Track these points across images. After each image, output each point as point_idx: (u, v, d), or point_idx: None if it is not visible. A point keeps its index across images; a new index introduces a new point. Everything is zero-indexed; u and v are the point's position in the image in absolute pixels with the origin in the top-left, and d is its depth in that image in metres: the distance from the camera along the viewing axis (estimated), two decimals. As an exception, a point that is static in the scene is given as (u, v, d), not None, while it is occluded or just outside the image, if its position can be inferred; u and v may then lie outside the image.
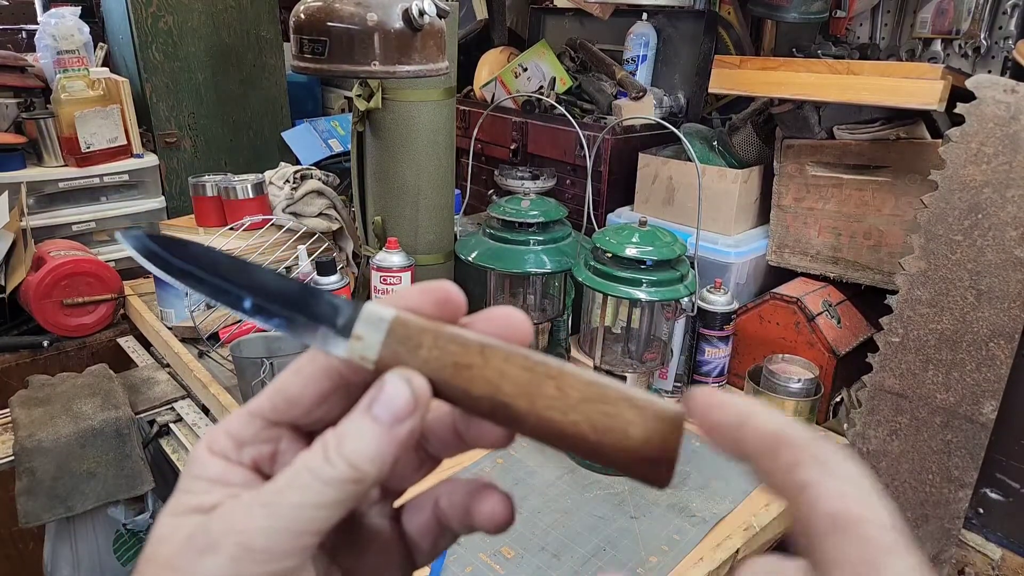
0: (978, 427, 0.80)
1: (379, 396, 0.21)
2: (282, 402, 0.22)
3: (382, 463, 0.20)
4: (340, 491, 0.20)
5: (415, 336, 0.21)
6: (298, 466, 0.20)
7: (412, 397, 0.21)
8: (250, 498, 0.20)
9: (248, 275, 0.23)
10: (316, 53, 0.72)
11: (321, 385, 0.22)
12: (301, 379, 0.22)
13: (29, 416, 0.96)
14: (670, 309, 0.88)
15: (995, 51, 1.06)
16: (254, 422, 0.22)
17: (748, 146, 1.07)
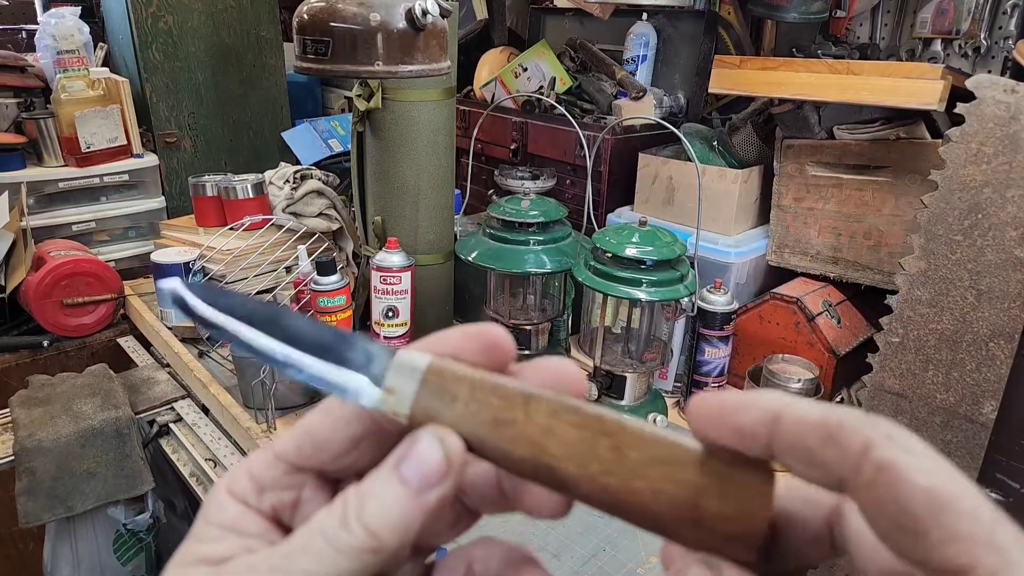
0: (978, 427, 0.80)
1: (409, 455, 0.19)
2: (308, 446, 0.20)
3: (406, 532, 0.18)
4: (356, 561, 0.18)
5: (451, 387, 0.19)
6: (313, 527, 0.18)
7: (445, 460, 0.19)
8: (259, 560, 0.18)
9: (281, 324, 0.21)
10: (319, 53, 0.72)
11: (352, 429, 0.20)
12: (331, 422, 0.20)
13: (29, 416, 0.96)
14: (670, 309, 0.88)
15: (995, 51, 1.06)
16: (278, 465, 0.20)
17: (748, 146, 1.07)
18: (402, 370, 0.19)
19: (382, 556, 0.18)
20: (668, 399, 0.98)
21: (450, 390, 0.19)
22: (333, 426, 0.20)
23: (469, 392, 0.19)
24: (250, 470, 0.21)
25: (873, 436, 0.16)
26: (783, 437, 0.17)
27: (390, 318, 1.02)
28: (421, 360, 0.20)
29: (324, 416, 0.20)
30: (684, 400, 0.99)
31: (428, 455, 0.19)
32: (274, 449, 0.21)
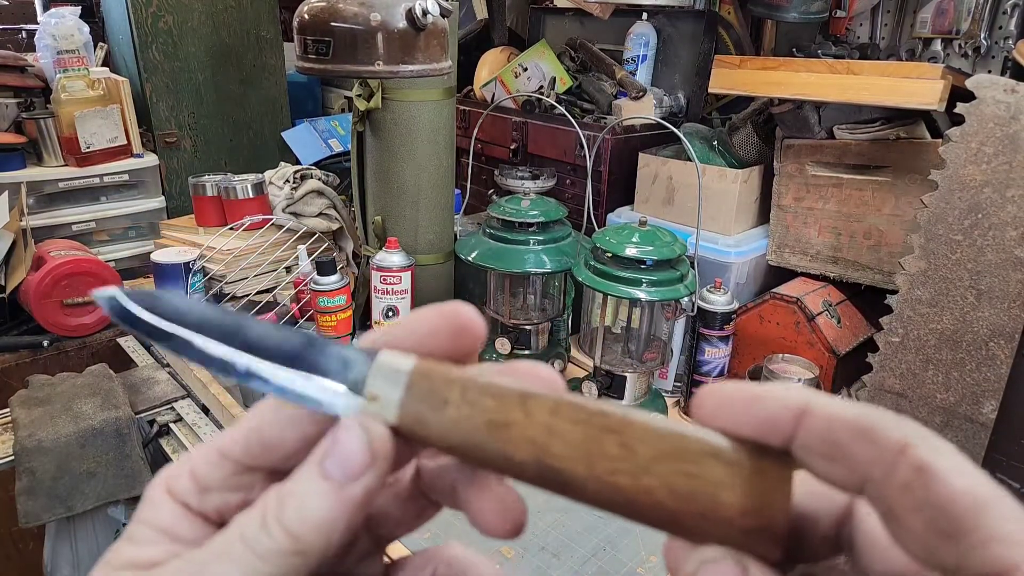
0: (978, 427, 0.80)
1: (331, 448, 0.17)
2: (257, 445, 0.19)
3: (330, 532, 0.17)
4: (276, 567, 0.17)
5: (440, 390, 0.18)
6: (232, 532, 0.17)
7: (368, 450, 0.17)
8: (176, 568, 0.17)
9: (240, 331, 0.19)
10: (320, 53, 0.72)
11: (304, 430, 0.19)
12: (281, 421, 0.19)
13: (29, 416, 0.96)
14: (670, 309, 0.88)
15: (995, 51, 1.06)
16: (224, 464, 0.19)
17: (748, 146, 1.07)
18: (385, 374, 0.18)
19: (307, 559, 0.17)
20: (668, 399, 0.98)
21: (440, 393, 0.18)
22: (284, 424, 0.19)
23: (460, 394, 0.18)
24: (193, 469, 0.19)
25: (911, 436, 0.15)
26: (811, 431, 0.16)
27: (390, 318, 1.02)
28: (405, 362, 0.18)
29: (274, 414, 0.19)
30: (684, 400, 0.99)
31: (351, 446, 0.17)
32: (219, 446, 0.19)
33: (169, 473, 0.19)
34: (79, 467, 0.93)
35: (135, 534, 0.18)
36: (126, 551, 0.18)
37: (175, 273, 1.12)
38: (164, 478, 0.19)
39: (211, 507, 0.19)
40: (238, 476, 0.19)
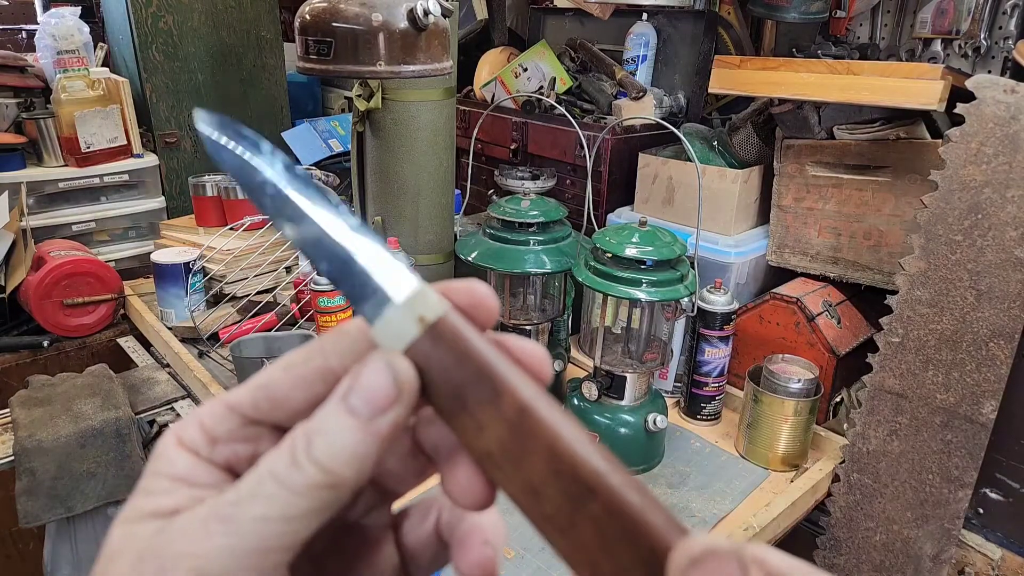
0: (978, 427, 0.80)
1: (355, 384, 0.18)
2: (265, 401, 0.19)
3: (361, 464, 0.17)
4: (312, 500, 0.17)
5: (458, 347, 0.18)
6: (262, 471, 0.17)
7: (394, 385, 0.18)
8: (207, 510, 0.17)
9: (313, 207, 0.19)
10: (321, 54, 0.72)
11: (313, 388, 0.19)
12: (290, 379, 0.19)
13: (29, 416, 0.96)
14: (670, 309, 0.88)
15: (995, 51, 1.06)
16: (232, 417, 0.19)
17: (748, 146, 1.07)
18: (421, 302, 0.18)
19: (340, 492, 0.17)
20: (668, 399, 0.98)
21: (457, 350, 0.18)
22: (293, 383, 0.19)
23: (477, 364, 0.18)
24: (202, 422, 0.19)
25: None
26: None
27: (390, 318, 1.02)
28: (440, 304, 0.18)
29: (284, 372, 0.19)
30: (684, 400, 0.99)
31: (376, 381, 0.18)
32: (227, 400, 0.19)
33: (178, 426, 0.19)
34: (79, 467, 0.93)
35: (150, 486, 0.18)
36: (143, 503, 0.18)
37: (175, 273, 1.12)
38: (174, 430, 0.19)
39: (221, 458, 0.19)
40: (246, 428, 0.19)
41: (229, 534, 0.17)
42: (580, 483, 0.17)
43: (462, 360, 0.18)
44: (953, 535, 0.83)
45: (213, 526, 0.17)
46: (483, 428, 0.18)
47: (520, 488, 0.17)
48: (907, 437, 0.84)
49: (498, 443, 0.17)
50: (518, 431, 0.17)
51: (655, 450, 0.88)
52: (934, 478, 0.83)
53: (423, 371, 0.18)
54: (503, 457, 0.17)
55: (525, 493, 0.17)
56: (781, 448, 0.87)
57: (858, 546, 0.89)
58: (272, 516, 0.17)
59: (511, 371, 0.18)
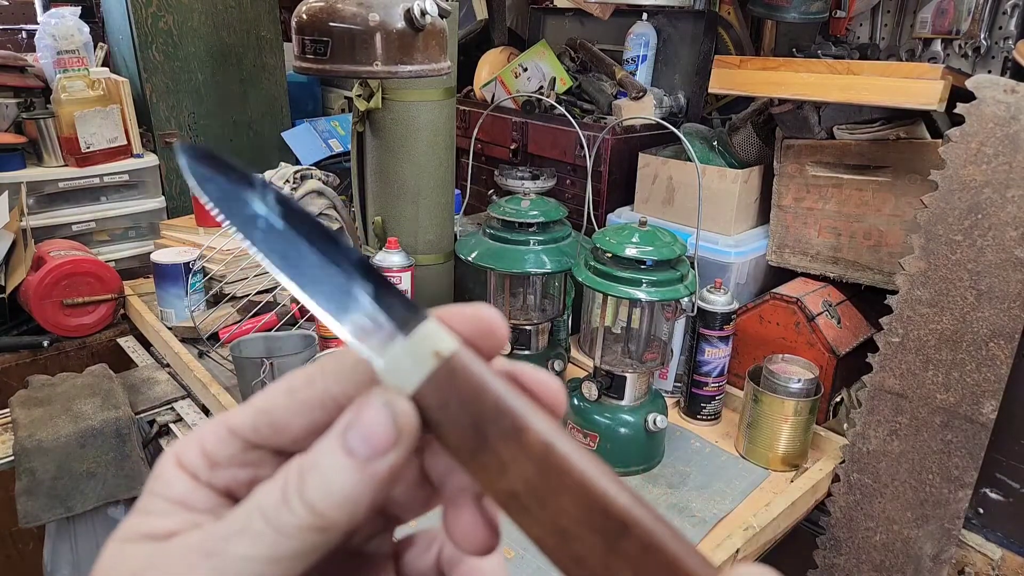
0: (978, 427, 0.80)
1: (355, 422, 0.17)
2: (266, 426, 0.18)
3: (354, 508, 0.17)
4: (300, 542, 0.16)
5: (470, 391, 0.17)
6: (251, 506, 0.17)
7: (393, 425, 0.17)
8: (195, 541, 0.17)
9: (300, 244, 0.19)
10: (318, 53, 0.72)
11: (313, 415, 0.18)
12: (292, 404, 0.18)
13: (29, 416, 0.96)
14: (670, 309, 0.88)
15: (995, 51, 1.06)
16: (233, 441, 0.19)
17: (748, 146, 1.07)
18: (425, 343, 0.17)
19: (329, 535, 0.17)
20: (668, 399, 0.98)
21: (467, 394, 0.17)
22: (294, 409, 0.18)
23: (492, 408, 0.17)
24: (202, 444, 0.19)
25: None
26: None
27: (390, 318, 1.02)
28: (449, 343, 0.17)
29: (286, 397, 0.18)
30: (684, 400, 0.99)
31: (376, 421, 0.17)
32: (228, 423, 0.19)
33: (179, 447, 0.19)
34: (79, 467, 0.93)
35: (148, 506, 0.18)
36: (139, 524, 0.18)
37: (175, 273, 1.12)
38: (174, 451, 0.19)
39: (220, 482, 0.19)
40: (246, 452, 0.19)
41: (214, 570, 0.16)
42: (613, 520, 0.16)
43: (480, 395, 0.17)
44: (953, 535, 0.83)
45: (197, 560, 0.16)
46: (507, 466, 0.17)
47: (548, 529, 0.16)
48: (907, 437, 0.84)
49: (524, 482, 0.17)
50: (545, 467, 0.16)
51: (655, 450, 0.88)
52: (934, 478, 0.83)
53: (437, 409, 0.17)
54: (530, 496, 0.16)
55: (553, 534, 0.16)
56: (781, 448, 0.87)
57: (858, 546, 0.89)
58: (258, 556, 0.16)
59: (530, 406, 0.17)
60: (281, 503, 0.17)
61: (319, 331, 1.00)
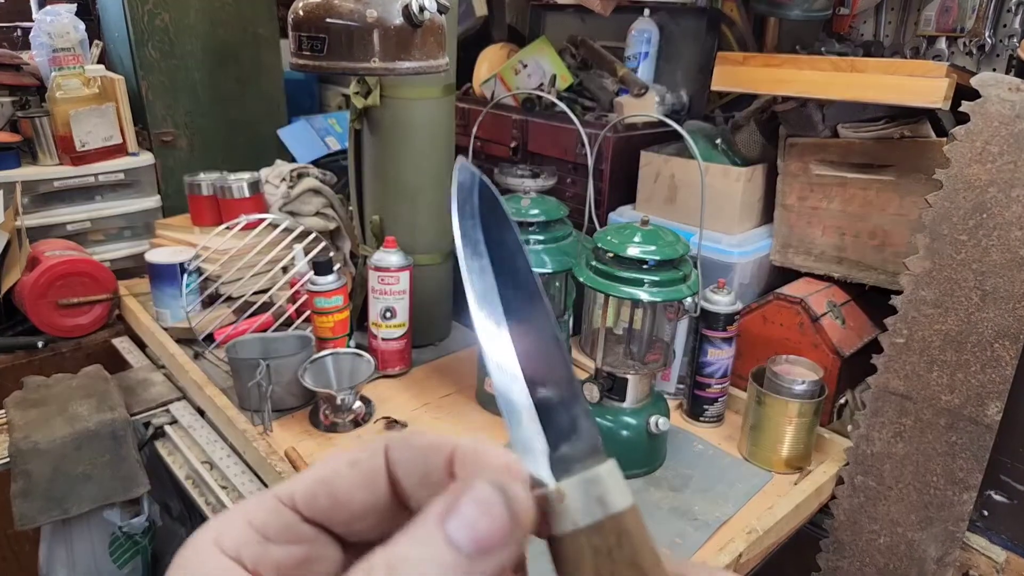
0: (983, 429, 0.79)
1: (459, 507, 0.14)
2: (325, 498, 0.16)
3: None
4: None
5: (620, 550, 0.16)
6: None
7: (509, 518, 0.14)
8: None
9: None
10: (315, 50, 0.71)
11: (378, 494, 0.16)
12: (357, 477, 0.16)
13: (24, 417, 0.95)
14: (672, 310, 0.87)
15: (999, 49, 1.05)
16: (285, 512, 0.16)
17: (751, 144, 1.06)
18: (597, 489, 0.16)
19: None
20: (671, 401, 0.97)
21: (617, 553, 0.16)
22: (359, 484, 0.16)
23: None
24: (249, 518, 0.16)
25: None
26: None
27: (388, 319, 1.01)
28: (623, 498, 0.16)
29: (350, 468, 0.16)
30: (687, 402, 0.98)
31: (487, 509, 0.14)
32: (279, 494, 0.17)
33: (217, 524, 0.16)
34: (75, 469, 0.92)
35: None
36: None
37: (170, 273, 1.11)
38: (211, 528, 0.16)
39: (271, 562, 0.16)
40: (300, 526, 0.16)
41: None
42: None
43: (636, 563, 0.16)
44: (957, 538, 0.82)
45: None
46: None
47: None
48: (912, 439, 0.83)
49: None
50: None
51: (657, 453, 0.87)
52: (938, 480, 0.82)
53: (580, 560, 0.16)
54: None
55: None
56: (785, 450, 0.86)
57: (862, 549, 0.88)
58: None
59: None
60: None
61: (316, 333, 0.99)
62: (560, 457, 0.17)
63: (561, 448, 0.17)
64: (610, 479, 0.16)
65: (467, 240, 0.18)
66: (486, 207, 0.18)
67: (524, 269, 0.18)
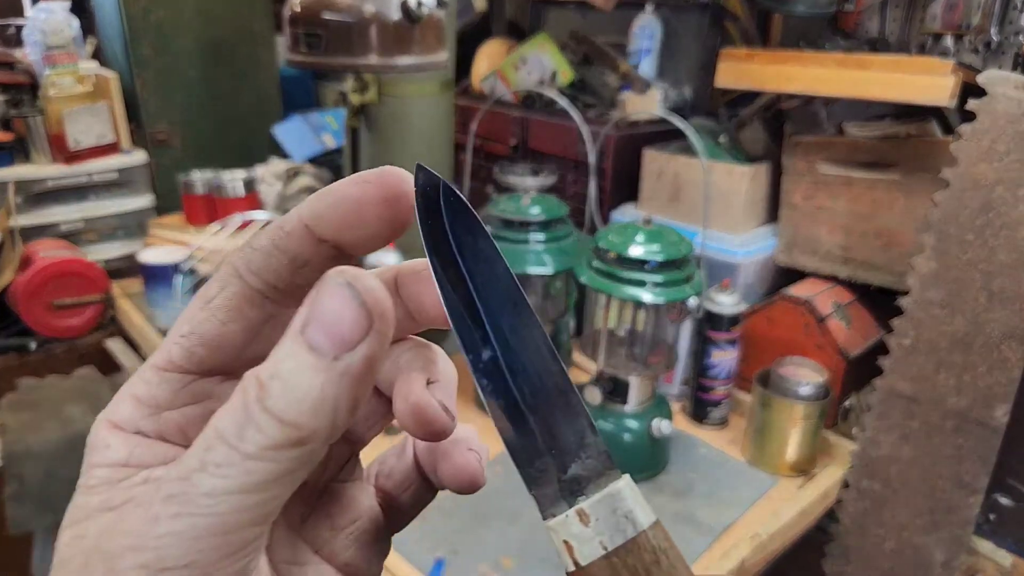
0: (990, 431, 0.78)
1: (314, 314, 0.14)
2: (199, 346, 0.16)
3: (334, 411, 0.14)
4: (276, 463, 0.14)
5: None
6: (209, 434, 0.14)
7: (363, 311, 0.14)
8: (149, 492, 0.14)
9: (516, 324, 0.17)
10: (311, 46, 0.69)
11: (246, 317, 0.16)
12: (219, 314, 0.16)
13: (17, 420, 0.93)
14: (676, 311, 0.86)
15: (1006, 46, 1.04)
16: (169, 379, 0.16)
17: (756, 142, 1.05)
18: (617, 509, 0.15)
19: (309, 448, 0.14)
20: (674, 403, 0.96)
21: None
22: (222, 318, 0.16)
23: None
24: (133, 395, 0.16)
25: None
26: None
27: (387, 320, 0.99)
28: (645, 515, 0.15)
29: (203, 309, 0.16)
30: (691, 405, 0.96)
31: (339, 309, 0.14)
32: (155, 363, 0.16)
33: (108, 411, 0.16)
34: (68, 473, 0.91)
35: (90, 481, 0.16)
36: (87, 501, 0.15)
37: (164, 274, 1.09)
38: (103, 417, 0.16)
39: (172, 427, 0.16)
40: (189, 385, 0.16)
41: (180, 516, 0.13)
42: None
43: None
44: (964, 542, 0.81)
45: (159, 509, 0.14)
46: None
47: None
48: (918, 442, 0.82)
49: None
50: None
51: (660, 457, 0.86)
52: (945, 483, 0.81)
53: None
54: None
55: None
56: (790, 454, 0.85)
57: (868, 554, 0.87)
58: (228, 488, 0.13)
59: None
60: (245, 423, 0.14)
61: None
62: (572, 478, 0.16)
63: (571, 468, 0.16)
64: (631, 494, 0.16)
65: (438, 252, 0.17)
66: (453, 214, 0.17)
67: (505, 277, 0.17)
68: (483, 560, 0.71)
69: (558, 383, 0.17)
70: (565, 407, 0.16)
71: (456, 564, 0.71)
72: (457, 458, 0.18)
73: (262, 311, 0.16)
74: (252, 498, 0.14)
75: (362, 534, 0.19)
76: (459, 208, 0.17)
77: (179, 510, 0.13)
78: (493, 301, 0.16)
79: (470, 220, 0.17)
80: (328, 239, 0.16)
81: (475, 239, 0.17)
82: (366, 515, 0.19)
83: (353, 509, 0.19)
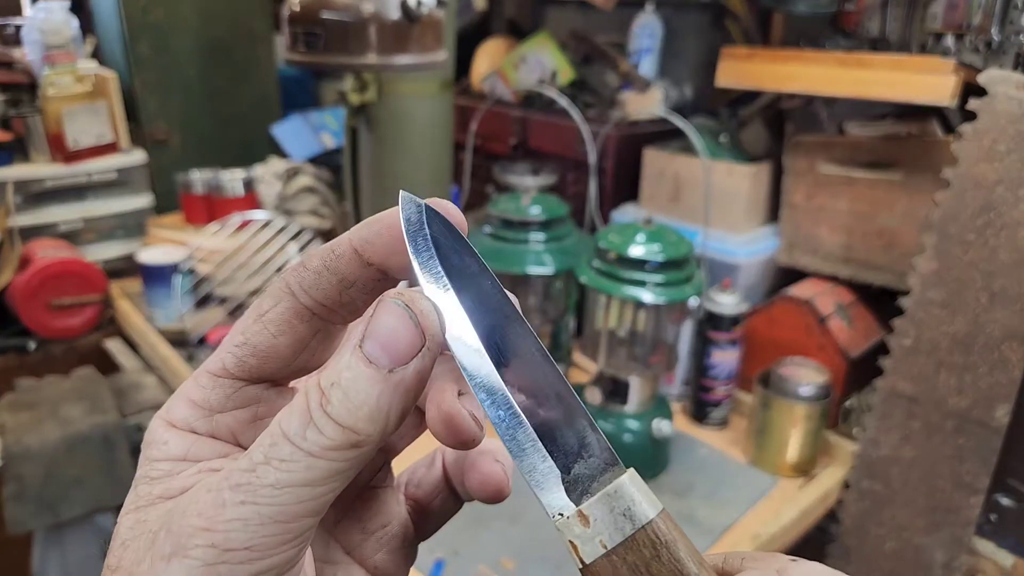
0: (991, 432, 0.78)
1: (372, 330, 0.16)
2: (250, 356, 0.17)
3: (387, 419, 0.16)
4: (335, 462, 0.15)
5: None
6: (275, 432, 0.16)
7: (418, 331, 0.16)
8: (219, 480, 0.16)
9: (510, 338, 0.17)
10: (310, 45, 0.69)
11: (296, 332, 0.17)
12: (271, 327, 0.17)
13: (16, 420, 0.93)
14: (677, 311, 0.85)
15: (1007, 46, 1.03)
16: (221, 384, 0.18)
17: (757, 141, 1.05)
18: (619, 505, 0.16)
19: (363, 450, 0.16)
20: (675, 404, 0.95)
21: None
22: (274, 331, 0.17)
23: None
24: (189, 397, 0.18)
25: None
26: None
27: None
28: (649, 508, 0.16)
29: (257, 322, 0.17)
30: (692, 406, 0.96)
31: (395, 324, 0.16)
32: (208, 368, 0.18)
33: (164, 412, 0.18)
34: (67, 473, 0.90)
35: (151, 473, 0.17)
36: (149, 489, 0.17)
37: (162, 274, 1.09)
38: (160, 416, 0.18)
39: (223, 429, 0.18)
40: (240, 391, 0.18)
41: (245, 504, 0.15)
42: None
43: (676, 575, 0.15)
44: (964, 542, 0.81)
45: (227, 496, 0.15)
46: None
47: None
48: (919, 442, 0.82)
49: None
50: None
51: (661, 457, 0.86)
52: (946, 484, 0.81)
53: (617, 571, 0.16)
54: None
55: None
56: (791, 454, 0.85)
57: (868, 554, 0.87)
58: (291, 481, 0.15)
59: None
60: (308, 425, 0.15)
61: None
62: (575, 478, 0.16)
63: (574, 469, 0.16)
64: (632, 488, 0.16)
65: (427, 273, 0.17)
66: (440, 236, 0.18)
67: (493, 292, 0.18)
68: (483, 561, 0.71)
69: (555, 388, 0.17)
70: (564, 410, 0.17)
71: (456, 565, 0.70)
72: (484, 468, 0.20)
73: (310, 326, 0.18)
74: (310, 491, 0.15)
75: (391, 539, 0.21)
76: (444, 230, 0.18)
77: (245, 498, 0.15)
78: (484, 317, 0.17)
79: (456, 240, 0.18)
80: (375, 263, 0.18)
81: (461, 258, 0.18)
82: (396, 521, 0.21)
83: (384, 514, 0.21)
